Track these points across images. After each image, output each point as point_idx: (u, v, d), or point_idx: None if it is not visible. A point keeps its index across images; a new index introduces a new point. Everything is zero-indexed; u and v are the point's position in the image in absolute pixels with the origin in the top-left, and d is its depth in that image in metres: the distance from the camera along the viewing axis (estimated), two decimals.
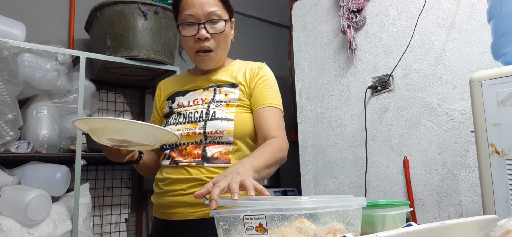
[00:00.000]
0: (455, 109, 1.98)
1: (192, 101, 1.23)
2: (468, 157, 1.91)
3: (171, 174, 1.15)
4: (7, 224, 1.86)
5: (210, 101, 1.19)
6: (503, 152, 1.18)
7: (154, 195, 1.22)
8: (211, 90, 1.22)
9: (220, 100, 1.19)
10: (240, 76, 1.24)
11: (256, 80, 1.22)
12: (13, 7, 2.50)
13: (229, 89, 1.22)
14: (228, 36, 1.22)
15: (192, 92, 1.25)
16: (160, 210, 1.19)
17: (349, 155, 2.39)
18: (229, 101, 1.19)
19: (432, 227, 0.63)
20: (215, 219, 0.80)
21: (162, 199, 1.16)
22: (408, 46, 2.14)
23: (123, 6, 2.33)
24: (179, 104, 1.24)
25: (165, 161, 1.18)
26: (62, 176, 2.09)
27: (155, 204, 1.21)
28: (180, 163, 1.14)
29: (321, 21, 2.63)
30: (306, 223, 0.67)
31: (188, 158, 1.14)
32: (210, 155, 1.13)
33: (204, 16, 1.15)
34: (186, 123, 1.17)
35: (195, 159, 1.13)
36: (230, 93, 1.21)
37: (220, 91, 1.21)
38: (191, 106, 1.21)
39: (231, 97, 1.20)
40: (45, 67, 2.17)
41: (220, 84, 1.23)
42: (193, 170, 1.13)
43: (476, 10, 1.94)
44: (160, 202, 1.17)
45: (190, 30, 1.17)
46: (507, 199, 1.15)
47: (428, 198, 2.04)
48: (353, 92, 2.41)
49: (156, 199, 1.20)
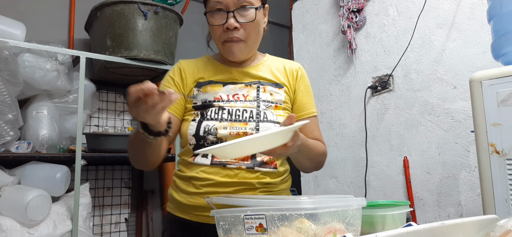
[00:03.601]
0: (455, 109, 1.98)
1: (232, 95, 1.11)
2: (468, 157, 1.91)
3: (214, 175, 1.05)
4: (7, 224, 1.86)
5: (255, 99, 1.11)
6: (503, 152, 1.17)
7: (181, 193, 1.10)
8: (254, 87, 1.13)
9: (267, 100, 1.12)
10: (281, 75, 1.18)
11: (299, 84, 1.19)
12: (13, 7, 2.50)
13: (274, 89, 1.15)
14: (260, 25, 1.12)
15: (230, 85, 1.13)
16: (190, 211, 1.07)
17: (349, 155, 2.39)
18: (276, 102, 1.13)
19: (432, 227, 0.63)
20: (215, 219, 0.80)
21: (197, 200, 1.05)
22: (408, 46, 2.14)
23: (123, 6, 2.33)
24: (216, 97, 1.11)
25: (203, 159, 1.07)
26: (62, 176, 2.09)
27: (183, 202, 1.08)
28: (229, 165, 1.05)
29: (321, 21, 2.63)
30: (306, 223, 0.67)
31: (238, 160, 1.06)
32: (260, 159, 1.07)
33: (234, 4, 1.06)
34: (232, 121, 1.07)
35: (244, 161, 1.06)
36: (276, 94, 1.14)
37: (264, 89, 1.14)
38: (232, 101, 1.10)
39: (277, 98, 1.14)
40: (45, 67, 2.16)
41: (263, 82, 1.15)
42: (242, 173, 1.05)
43: (476, 10, 1.94)
44: (193, 203, 1.06)
45: (218, 19, 1.08)
46: (507, 199, 1.15)
47: (428, 198, 2.03)
48: (353, 92, 2.41)
49: (186, 198, 1.08)
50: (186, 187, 1.08)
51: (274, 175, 1.10)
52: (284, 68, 1.21)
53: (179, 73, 1.16)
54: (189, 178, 1.08)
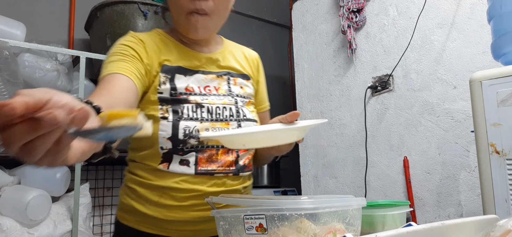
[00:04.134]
0: (455, 109, 1.98)
1: (204, 88, 0.97)
2: (468, 157, 1.91)
3: (200, 185, 0.92)
4: (7, 224, 1.86)
5: (228, 93, 1.00)
6: (503, 152, 1.17)
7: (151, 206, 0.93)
8: (225, 79, 1.02)
9: (240, 95, 1.02)
10: (245, 64, 1.09)
11: (260, 75, 1.13)
12: (13, 7, 2.50)
13: (243, 82, 1.05)
14: (229, 1, 0.99)
15: (201, 75, 0.99)
16: (169, 227, 0.93)
17: (349, 155, 2.39)
18: (248, 97, 1.04)
19: (432, 227, 0.63)
20: (215, 219, 0.80)
21: (180, 214, 0.92)
22: (408, 46, 2.14)
23: (123, 6, 2.33)
24: (187, 88, 0.95)
25: (183, 168, 0.91)
26: (62, 176, 2.09)
27: (156, 217, 0.92)
28: (216, 173, 0.93)
29: (321, 21, 2.63)
30: (306, 223, 0.67)
31: (223, 166, 0.94)
32: (242, 163, 0.98)
33: None
34: (214, 121, 0.94)
35: (229, 167, 0.95)
36: (246, 87, 1.05)
37: (235, 82, 1.03)
38: (204, 94, 0.96)
39: (248, 92, 1.05)
40: (45, 67, 2.17)
41: (233, 73, 1.04)
42: (229, 180, 0.95)
43: (476, 10, 1.94)
44: (174, 218, 0.92)
45: None
46: (507, 199, 1.15)
47: (428, 198, 2.04)
48: (353, 92, 2.41)
49: (162, 212, 0.92)
50: (159, 199, 0.92)
51: (250, 177, 1.05)
52: (244, 56, 1.11)
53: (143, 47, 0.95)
54: (163, 189, 0.92)
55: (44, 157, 0.44)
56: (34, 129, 0.40)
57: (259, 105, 1.11)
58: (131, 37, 0.97)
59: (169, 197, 0.92)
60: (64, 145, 0.45)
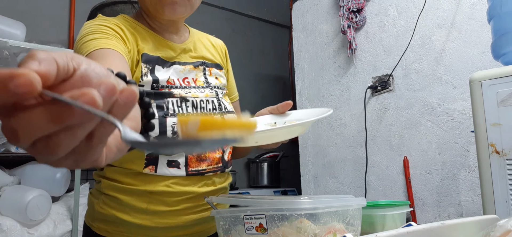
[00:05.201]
0: (455, 109, 1.98)
1: (182, 80, 0.91)
2: (468, 157, 1.91)
3: (191, 186, 0.87)
4: (7, 224, 1.86)
5: (205, 85, 0.94)
6: (503, 152, 1.18)
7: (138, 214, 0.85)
8: (201, 69, 0.96)
9: (217, 86, 0.97)
10: (215, 53, 1.03)
11: (228, 64, 1.08)
12: (13, 7, 2.50)
13: (217, 72, 1.00)
14: None
15: (178, 66, 0.92)
16: (162, 234, 0.87)
17: (349, 155, 2.39)
18: (224, 88, 0.99)
19: (432, 227, 0.63)
20: (215, 219, 0.80)
21: (173, 219, 0.86)
22: (408, 46, 2.14)
23: (123, 6, 2.33)
24: (169, 81, 0.87)
25: (173, 170, 0.85)
26: (62, 176, 2.09)
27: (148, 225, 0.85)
28: (206, 172, 0.89)
29: (321, 21, 2.63)
30: (306, 223, 0.67)
31: (212, 164, 0.90)
32: (227, 158, 0.94)
33: None
34: None
35: (217, 165, 0.91)
36: (220, 77, 1.00)
37: (210, 72, 0.98)
38: (185, 87, 0.89)
39: (223, 83, 1.00)
40: None
41: (207, 63, 0.99)
42: (217, 178, 0.92)
43: (476, 10, 1.94)
44: (168, 224, 0.86)
45: None
46: (507, 199, 1.15)
47: (428, 198, 2.04)
48: (353, 92, 2.41)
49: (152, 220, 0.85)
50: (147, 206, 0.84)
51: (230, 174, 1.01)
52: (212, 45, 1.05)
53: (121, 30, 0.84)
54: (151, 194, 0.84)
55: (69, 156, 0.30)
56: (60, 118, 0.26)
57: (230, 95, 1.05)
58: (104, 19, 0.85)
59: (159, 203, 0.84)
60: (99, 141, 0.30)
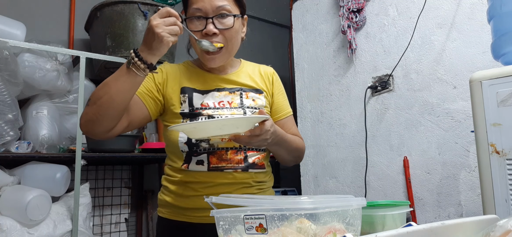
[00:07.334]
0: (455, 109, 1.98)
1: (218, 102, 1.17)
2: (468, 157, 1.91)
3: (213, 178, 1.12)
4: (7, 224, 1.86)
5: (240, 106, 1.17)
6: (503, 152, 1.17)
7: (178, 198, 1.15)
8: (237, 94, 1.20)
9: (251, 107, 1.19)
10: (259, 80, 1.26)
11: (275, 87, 1.29)
12: (13, 7, 2.50)
13: (255, 95, 1.22)
14: (238, 32, 1.17)
15: (215, 92, 1.19)
16: (189, 214, 1.14)
17: (349, 155, 2.39)
18: (259, 107, 1.20)
19: (432, 227, 0.63)
20: (215, 219, 0.80)
21: (196, 202, 1.11)
22: (408, 46, 2.14)
23: (123, 6, 2.33)
24: (203, 104, 1.15)
25: (198, 166, 1.12)
26: (62, 176, 2.09)
27: (181, 206, 1.15)
28: (225, 169, 1.12)
29: (321, 21, 2.63)
30: (306, 223, 0.67)
31: (232, 163, 1.13)
32: (251, 161, 1.15)
33: (213, 11, 1.11)
34: None
35: (238, 164, 1.13)
36: (257, 99, 1.22)
37: (247, 96, 1.20)
38: (218, 108, 1.15)
39: (259, 104, 1.21)
40: (45, 67, 2.16)
41: (245, 89, 1.22)
42: (238, 175, 1.13)
43: (476, 10, 1.94)
44: (193, 206, 1.12)
45: (197, 25, 1.12)
46: (507, 199, 1.15)
47: (428, 198, 2.04)
48: (353, 92, 2.41)
49: (184, 202, 1.14)
50: (183, 192, 1.14)
51: (264, 175, 1.20)
52: (259, 73, 1.29)
53: (161, 75, 1.18)
54: (185, 183, 1.14)
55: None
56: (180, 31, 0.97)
57: (276, 114, 1.27)
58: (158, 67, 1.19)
59: (190, 189, 1.14)
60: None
